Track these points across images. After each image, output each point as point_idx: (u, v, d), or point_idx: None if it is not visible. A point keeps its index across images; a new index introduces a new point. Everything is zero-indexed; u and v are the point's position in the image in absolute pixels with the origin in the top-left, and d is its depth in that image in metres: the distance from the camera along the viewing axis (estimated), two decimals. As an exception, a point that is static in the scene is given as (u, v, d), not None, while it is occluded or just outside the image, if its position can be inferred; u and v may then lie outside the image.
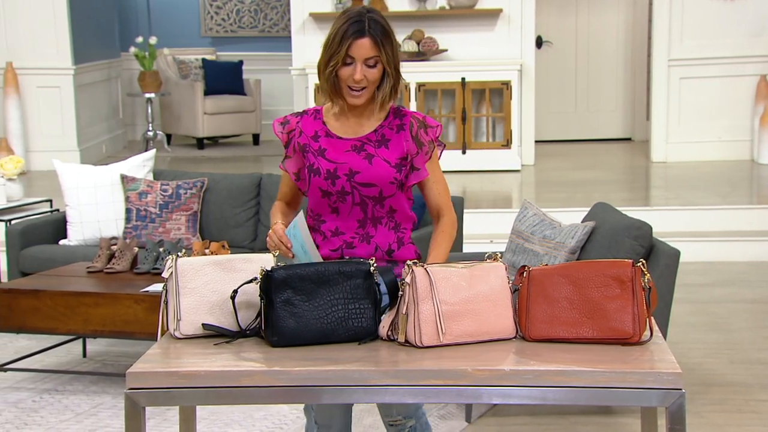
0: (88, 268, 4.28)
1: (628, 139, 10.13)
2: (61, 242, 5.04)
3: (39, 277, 4.22)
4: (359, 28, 2.36)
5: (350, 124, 2.46)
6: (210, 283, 2.23)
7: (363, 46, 2.35)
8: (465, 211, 5.05)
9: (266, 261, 2.27)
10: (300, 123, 2.50)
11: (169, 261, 2.23)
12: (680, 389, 1.94)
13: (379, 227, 2.46)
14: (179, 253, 2.25)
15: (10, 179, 5.25)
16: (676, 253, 3.45)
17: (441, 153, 2.50)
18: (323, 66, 2.41)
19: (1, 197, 5.16)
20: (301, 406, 3.73)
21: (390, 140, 2.44)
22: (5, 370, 4.14)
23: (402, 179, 2.44)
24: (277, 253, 2.33)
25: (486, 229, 6.14)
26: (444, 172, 2.56)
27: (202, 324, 2.22)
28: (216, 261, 2.25)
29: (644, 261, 2.14)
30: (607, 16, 10.05)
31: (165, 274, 2.23)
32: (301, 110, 2.56)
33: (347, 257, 2.44)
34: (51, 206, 5.41)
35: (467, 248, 5.23)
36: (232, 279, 2.23)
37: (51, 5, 8.43)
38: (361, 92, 2.39)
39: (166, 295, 2.22)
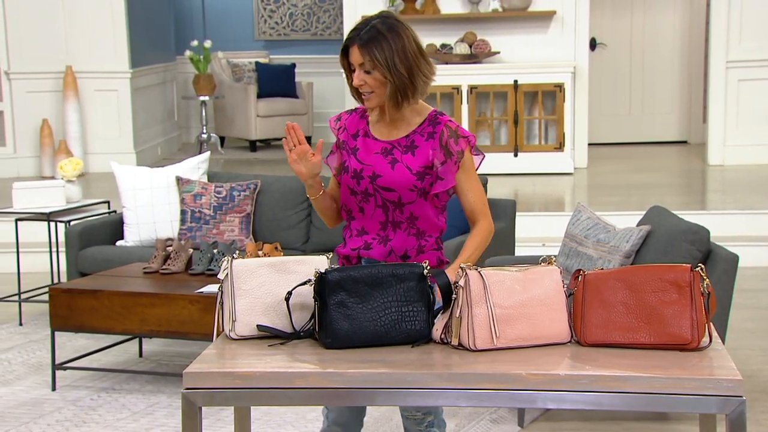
0: (144, 268, 4.35)
1: (684, 142, 9.98)
2: (118, 243, 5.12)
3: (97, 278, 4.30)
4: (353, 35, 2.45)
5: (387, 126, 2.50)
6: (264, 285, 2.25)
7: (353, 54, 2.44)
8: (517, 214, 5.02)
9: (320, 263, 2.28)
10: (348, 120, 2.56)
11: (225, 263, 2.26)
12: (741, 396, 1.90)
13: (398, 232, 2.48)
14: (234, 255, 2.28)
15: (69, 181, 5.36)
16: (735, 258, 3.38)
17: (480, 162, 2.51)
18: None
19: (61, 199, 5.27)
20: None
21: (418, 147, 2.46)
22: (65, 369, 4.23)
23: (424, 187, 2.45)
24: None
25: (538, 232, 6.10)
26: (495, 174, 2.56)
27: (257, 325, 2.24)
28: (270, 263, 2.27)
29: (703, 266, 2.10)
30: (663, 17, 9.91)
31: (221, 276, 2.26)
32: (354, 108, 2.61)
33: (364, 257, 2.48)
34: (109, 207, 5.51)
35: (519, 251, 5.20)
36: (286, 281, 2.25)
37: (109, 11, 8.59)
38: (369, 96, 2.44)
39: (221, 297, 2.25)
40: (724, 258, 3.38)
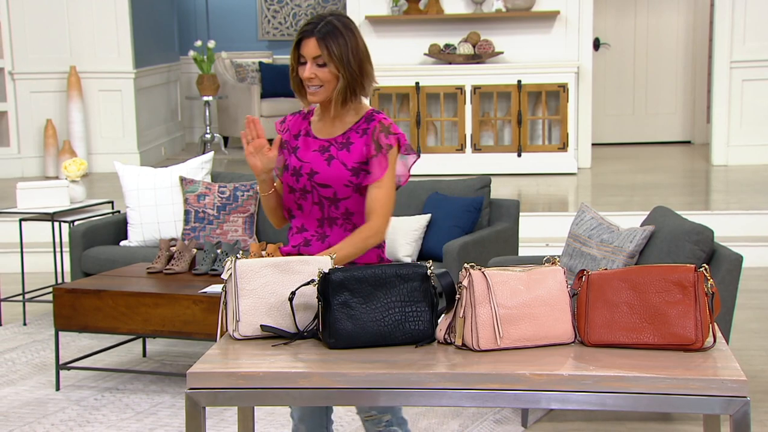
0: (148, 269, 4.35)
1: (688, 142, 9.97)
2: (122, 243, 5.13)
3: (101, 278, 4.30)
4: (311, 28, 2.46)
5: (326, 125, 2.54)
6: (268, 285, 2.25)
7: (309, 46, 2.45)
8: (521, 214, 5.02)
9: (323, 263, 2.28)
10: (291, 121, 2.61)
11: (228, 263, 2.26)
12: (745, 397, 1.90)
13: (335, 228, 2.51)
14: (238, 255, 2.28)
15: (73, 181, 5.36)
16: (739, 258, 3.38)
17: (414, 162, 2.55)
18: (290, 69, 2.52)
19: (65, 199, 5.28)
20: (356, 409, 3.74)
21: (353, 143, 2.50)
22: (68, 369, 4.23)
23: (359, 182, 2.48)
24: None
25: (542, 232, 6.10)
26: (499, 175, 2.56)
27: (261, 325, 2.24)
28: (274, 263, 2.27)
29: (707, 266, 2.10)
30: (667, 17, 9.90)
31: (224, 276, 2.26)
32: (298, 111, 2.63)
33: (303, 254, 2.49)
34: (112, 208, 5.52)
35: (523, 252, 5.20)
36: (290, 281, 2.25)
37: (113, 11, 8.60)
38: (317, 90, 2.47)
39: (225, 297, 2.25)
40: (728, 258, 3.38)
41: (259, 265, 2.26)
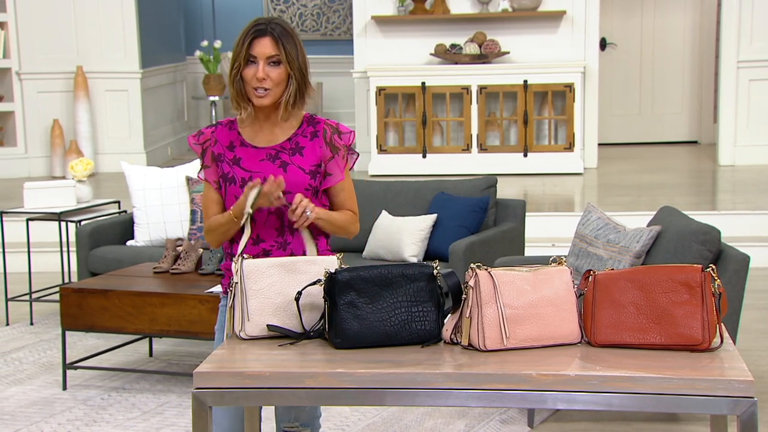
0: (154, 268, 4.36)
1: (695, 142, 9.95)
2: (129, 243, 5.14)
3: (107, 278, 4.31)
4: (260, 28, 2.42)
5: (264, 133, 2.48)
6: (274, 285, 2.25)
7: (263, 44, 2.40)
8: (527, 214, 5.02)
9: (330, 263, 2.28)
10: (215, 133, 2.50)
11: (235, 263, 2.26)
12: (752, 397, 1.90)
13: (297, 234, 2.46)
14: (244, 255, 2.28)
15: (80, 181, 5.37)
16: (746, 259, 3.37)
17: (354, 162, 2.53)
18: (231, 70, 2.44)
19: (71, 199, 5.29)
20: (364, 408, 3.75)
21: (304, 147, 2.47)
22: (75, 368, 4.24)
23: (317, 186, 2.47)
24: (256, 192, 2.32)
25: (548, 232, 6.09)
26: (505, 175, 2.55)
27: (267, 325, 2.25)
28: (280, 263, 2.27)
29: (714, 266, 2.10)
30: (674, 17, 9.88)
31: (235, 279, 2.25)
32: (214, 123, 2.57)
33: None
34: (119, 207, 5.53)
35: (529, 252, 5.20)
36: (296, 281, 2.25)
37: (120, 12, 8.62)
38: (266, 93, 2.42)
39: (233, 298, 2.25)
40: (735, 258, 3.37)
41: (265, 265, 2.26)
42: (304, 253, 2.46)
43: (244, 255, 2.28)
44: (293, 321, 2.23)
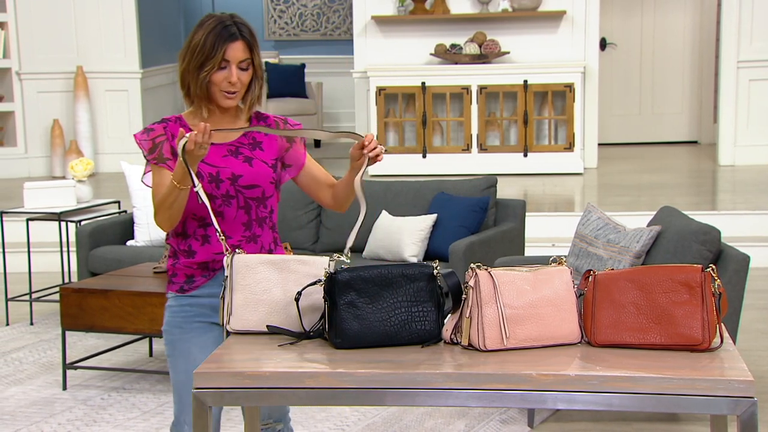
0: (154, 268, 4.36)
1: (695, 142, 9.95)
2: (129, 243, 5.14)
3: (107, 277, 4.31)
4: (232, 31, 2.41)
5: (221, 127, 2.46)
6: (262, 282, 2.25)
7: (236, 49, 2.40)
8: (527, 214, 5.02)
9: (321, 264, 2.28)
10: (167, 129, 2.47)
11: (226, 258, 2.26)
12: (752, 397, 1.89)
13: (264, 226, 2.49)
14: (237, 250, 2.28)
15: (80, 181, 5.38)
16: (746, 259, 3.37)
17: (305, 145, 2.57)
18: (194, 71, 2.40)
19: (71, 199, 5.29)
20: (364, 408, 3.75)
21: (262, 142, 2.49)
22: (75, 368, 4.24)
23: (278, 178, 2.50)
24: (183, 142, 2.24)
25: (548, 232, 6.09)
26: (505, 175, 2.56)
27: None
28: (271, 260, 2.27)
29: (714, 266, 2.10)
30: (674, 17, 9.89)
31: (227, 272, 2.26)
32: (159, 119, 2.51)
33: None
34: (119, 207, 5.53)
35: (529, 252, 5.20)
36: (285, 280, 2.25)
37: (120, 11, 8.62)
38: (235, 95, 2.42)
39: (224, 291, 2.26)
40: (735, 258, 3.37)
41: (255, 261, 2.26)
42: (273, 243, 2.50)
43: (237, 250, 2.28)
44: (279, 318, 2.23)
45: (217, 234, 2.32)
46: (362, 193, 2.38)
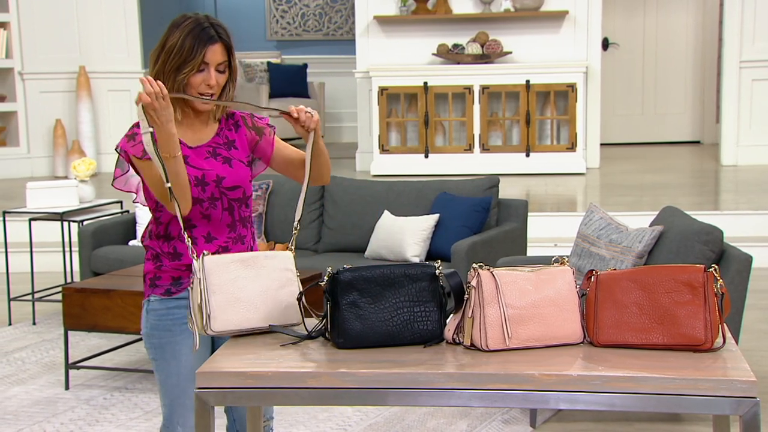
0: (156, 268, 4.36)
1: (697, 142, 9.94)
2: (131, 243, 5.14)
3: (110, 277, 4.32)
4: (211, 34, 2.40)
5: (194, 132, 2.46)
6: (237, 280, 2.26)
7: (215, 51, 2.39)
8: (529, 214, 5.02)
9: (286, 257, 2.32)
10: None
11: (196, 260, 2.25)
12: (755, 398, 1.89)
13: (248, 225, 2.51)
14: (204, 252, 2.27)
15: (82, 181, 5.38)
16: (748, 259, 3.37)
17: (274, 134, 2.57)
18: (171, 73, 2.37)
19: (74, 199, 5.29)
20: (366, 408, 3.75)
21: (235, 140, 2.49)
22: (78, 368, 4.25)
23: (254, 176, 2.52)
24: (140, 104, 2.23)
25: (550, 232, 6.09)
26: (507, 175, 2.56)
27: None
28: (240, 258, 2.29)
29: (716, 266, 2.10)
30: (676, 17, 9.88)
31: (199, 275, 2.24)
32: (132, 125, 2.45)
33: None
34: (121, 207, 5.53)
35: (531, 252, 5.20)
36: (258, 275, 2.27)
37: (122, 11, 8.63)
38: (212, 98, 2.42)
39: (192, 296, 2.24)
40: (738, 259, 3.36)
41: (225, 261, 2.27)
42: (252, 240, 2.51)
43: (205, 252, 2.27)
44: (257, 316, 2.25)
45: (186, 242, 2.31)
46: (309, 164, 2.44)
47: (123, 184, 2.48)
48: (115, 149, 2.46)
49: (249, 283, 2.26)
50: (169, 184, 2.28)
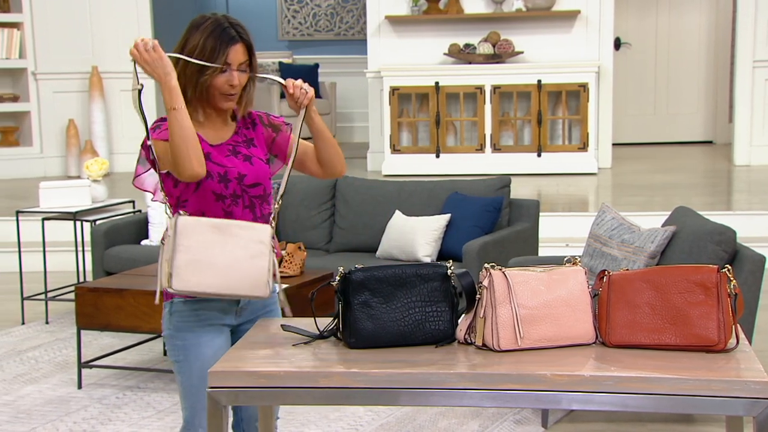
0: (169, 268, 4.37)
1: (710, 142, 9.90)
2: (143, 242, 5.16)
3: (122, 277, 4.33)
4: (232, 34, 2.40)
5: (213, 131, 2.47)
6: (206, 244, 2.28)
7: (237, 51, 2.40)
8: (541, 214, 5.01)
9: (263, 231, 2.32)
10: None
11: (170, 220, 2.28)
12: (768, 399, 1.89)
13: (269, 223, 2.49)
14: (180, 212, 2.30)
15: (95, 181, 5.40)
16: (761, 259, 3.35)
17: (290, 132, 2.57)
18: (193, 75, 2.39)
19: (87, 198, 5.31)
20: (377, 408, 3.75)
21: (254, 138, 2.50)
22: (90, 367, 4.26)
23: (272, 173, 2.52)
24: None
25: (562, 232, 6.08)
26: (519, 175, 2.56)
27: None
28: (214, 223, 2.31)
29: (730, 267, 2.09)
30: (689, 17, 9.84)
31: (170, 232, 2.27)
32: (157, 119, 2.51)
33: None
34: (134, 207, 5.55)
35: (543, 252, 5.19)
36: (227, 243, 2.29)
37: (135, 12, 8.66)
38: (234, 97, 2.43)
39: (161, 254, 2.27)
40: (751, 259, 3.35)
41: (199, 222, 2.30)
42: (273, 239, 2.48)
43: (181, 212, 2.30)
44: (218, 282, 2.27)
45: (163, 201, 2.35)
46: (296, 140, 2.47)
47: (141, 183, 2.50)
48: (141, 146, 2.48)
49: (217, 249, 2.28)
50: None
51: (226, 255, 2.28)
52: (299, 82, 2.44)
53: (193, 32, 2.44)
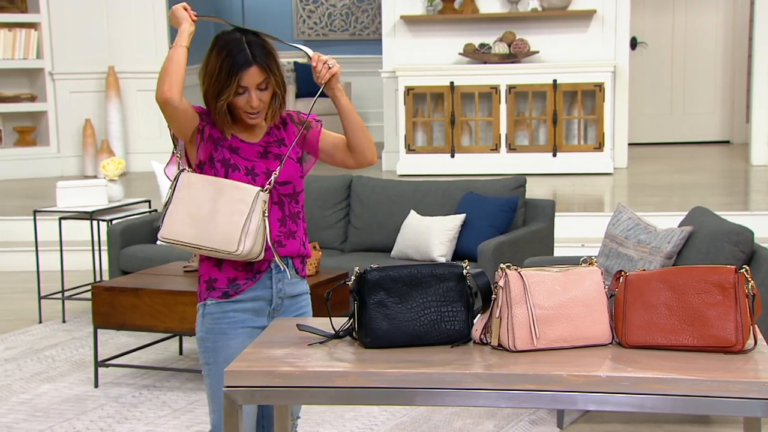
0: (184, 267, 4.39)
1: (727, 142, 9.84)
2: (159, 242, 5.17)
3: (138, 276, 4.35)
4: (245, 58, 2.40)
5: (246, 132, 2.49)
6: (197, 198, 2.38)
7: (252, 74, 2.40)
8: (556, 214, 5.00)
9: (251, 192, 2.37)
10: (207, 117, 2.49)
11: (176, 173, 2.41)
12: (786, 400, 1.87)
13: (299, 221, 2.51)
14: (187, 169, 2.41)
15: (111, 180, 5.42)
16: (779, 260, 3.33)
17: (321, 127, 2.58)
18: (212, 99, 2.44)
19: (103, 198, 5.34)
20: (393, 408, 3.75)
21: (284, 138, 2.52)
22: (107, 366, 4.28)
23: (304, 173, 2.54)
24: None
25: (577, 232, 6.06)
26: (534, 174, 2.56)
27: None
28: (212, 181, 2.40)
29: (747, 267, 2.08)
30: (706, 16, 9.79)
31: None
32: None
33: (279, 253, 2.44)
34: (150, 207, 5.57)
35: (558, 252, 5.17)
36: (214, 198, 2.37)
37: (151, 12, 8.69)
38: (258, 115, 2.44)
39: (164, 201, 2.41)
40: (769, 260, 3.33)
41: (198, 178, 2.40)
42: (305, 236, 2.51)
43: (187, 168, 2.40)
44: (192, 232, 2.36)
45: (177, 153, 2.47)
46: (315, 98, 2.54)
47: (170, 173, 2.54)
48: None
49: (204, 203, 2.38)
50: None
51: (209, 209, 2.37)
52: (326, 57, 2.45)
53: (211, 53, 2.51)
